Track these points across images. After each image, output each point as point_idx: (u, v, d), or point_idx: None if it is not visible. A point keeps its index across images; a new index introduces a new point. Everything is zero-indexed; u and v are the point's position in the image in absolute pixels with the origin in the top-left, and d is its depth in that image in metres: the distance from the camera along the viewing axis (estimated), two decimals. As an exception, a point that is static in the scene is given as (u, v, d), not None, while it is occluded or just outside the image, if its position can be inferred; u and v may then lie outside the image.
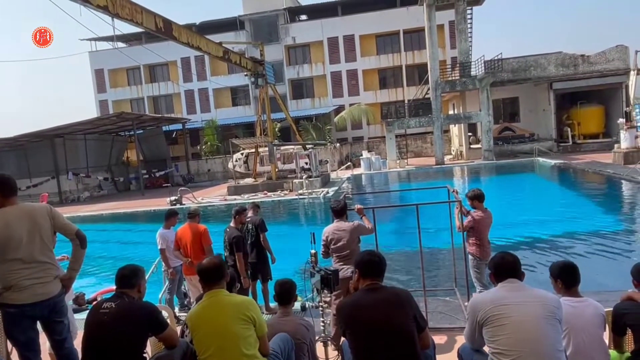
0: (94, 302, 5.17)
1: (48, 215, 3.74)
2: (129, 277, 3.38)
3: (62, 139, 28.59)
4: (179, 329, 3.97)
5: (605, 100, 28.54)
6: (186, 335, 3.75)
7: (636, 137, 19.92)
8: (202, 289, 3.42)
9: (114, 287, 3.42)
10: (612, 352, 3.23)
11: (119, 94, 46.92)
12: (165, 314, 3.86)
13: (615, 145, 21.48)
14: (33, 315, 3.65)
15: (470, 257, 5.83)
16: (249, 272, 6.25)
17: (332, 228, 5.26)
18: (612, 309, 3.22)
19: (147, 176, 31.62)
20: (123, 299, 3.26)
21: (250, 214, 6.72)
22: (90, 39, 43.62)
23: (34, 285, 3.59)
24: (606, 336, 3.25)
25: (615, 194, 16.03)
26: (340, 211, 5.34)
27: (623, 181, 16.54)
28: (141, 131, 33.70)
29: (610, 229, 11.08)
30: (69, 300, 4.88)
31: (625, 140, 20.28)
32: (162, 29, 15.18)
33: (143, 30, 15.23)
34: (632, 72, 22.23)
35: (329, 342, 4.17)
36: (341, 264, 5.13)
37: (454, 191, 6.15)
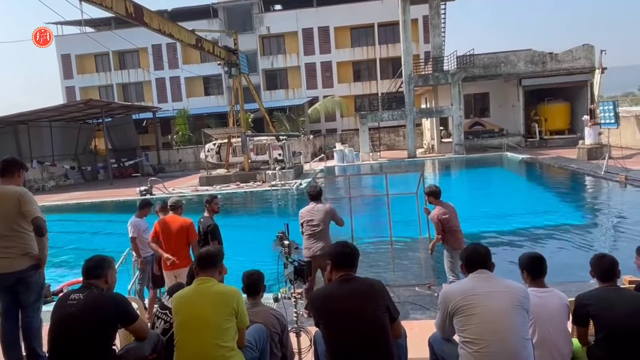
0: (60, 294, 5.03)
1: (17, 198, 3.99)
2: (96, 268, 3.31)
3: (26, 126, 27.61)
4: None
5: (571, 98, 29.40)
6: (156, 327, 3.70)
7: (599, 133, 20.61)
8: (196, 274, 3.41)
9: (81, 279, 3.34)
10: (575, 341, 3.35)
11: (87, 81, 45.51)
12: (135, 305, 3.80)
13: (580, 142, 22.19)
14: (3, 284, 4.04)
15: (445, 247, 6.02)
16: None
17: (307, 209, 5.86)
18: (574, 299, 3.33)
19: (115, 165, 30.84)
20: (91, 290, 3.19)
21: (160, 215, 6.33)
22: (56, 23, 42.04)
23: (1, 258, 3.98)
24: (570, 325, 3.36)
25: (579, 188, 16.57)
26: (316, 195, 5.95)
27: (586, 176, 17.12)
28: (110, 119, 32.83)
29: (574, 222, 11.47)
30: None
31: (589, 137, 20.96)
32: (132, 14, 14.76)
33: (113, 15, 14.75)
34: (596, 71, 22.89)
35: (302, 332, 4.18)
36: (312, 241, 5.69)
37: (425, 209, 6.62)
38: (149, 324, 3.79)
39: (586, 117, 22.14)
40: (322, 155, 31.56)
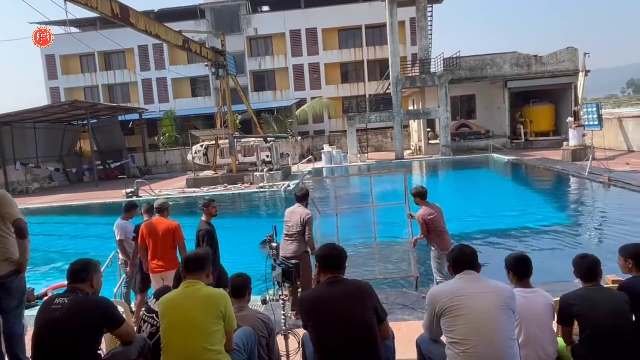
0: (45, 298, 4.96)
1: None
2: (81, 271, 3.26)
3: (9, 127, 27.15)
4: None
5: (555, 100, 29.81)
6: (143, 331, 3.66)
7: (583, 135, 20.92)
8: (183, 277, 3.38)
9: (66, 283, 3.30)
10: (560, 340, 3.40)
11: (72, 81, 44.96)
12: (121, 309, 3.75)
13: (564, 143, 22.49)
14: None
15: (432, 248, 6.06)
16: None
17: (290, 209, 6.05)
18: (559, 299, 3.38)
19: (101, 167, 30.47)
20: (76, 294, 3.15)
21: (145, 217, 6.21)
22: (40, 23, 41.42)
23: None
24: (555, 325, 3.40)
25: (564, 189, 16.79)
26: (300, 197, 6.06)
27: (571, 177, 17.36)
28: (95, 120, 32.42)
29: (559, 222, 11.63)
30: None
31: (573, 138, 21.27)
32: (118, 15, 14.61)
33: (98, 15, 14.60)
34: (580, 73, 23.25)
35: (290, 335, 4.17)
36: (286, 242, 5.82)
37: (408, 215, 6.74)
38: (135, 328, 3.76)
39: (570, 119, 22.45)
40: (310, 156, 31.56)
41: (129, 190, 19.78)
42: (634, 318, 3.20)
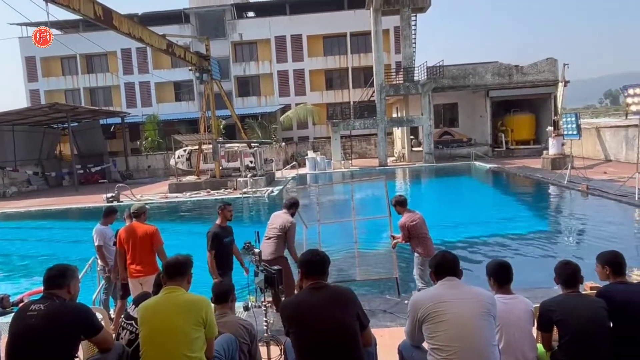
0: (20, 305, 4.84)
1: None
2: (57, 277, 3.18)
3: (-14, 130, 26.58)
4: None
5: (536, 109, 30.37)
6: (122, 338, 3.60)
7: (563, 144, 21.32)
8: (164, 283, 3.33)
9: (42, 289, 3.22)
10: (539, 346, 3.43)
11: (52, 84, 44.25)
12: (99, 315, 3.69)
13: (544, 152, 22.90)
14: None
15: (415, 255, 6.10)
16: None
17: (276, 213, 6.23)
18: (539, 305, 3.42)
19: (81, 171, 29.93)
20: (53, 301, 3.07)
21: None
22: (20, 24, 40.81)
23: None
24: (535, 330, 3.44)
25: (543, 197, 17.06)
26: (288, 205, 6.22)
27: (550, 185, 17.66)
28: (76, 124, 31.89)
29: (539, 230, 11.79)
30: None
31: (552, 147, 21.67)
32: (101, 17, 14.45)
33: (81, 17, 14.42)
34: (560, 84, 23.76)
35: (272, 342, 4.14)
36: (266, 243, 5.91)
37: (392, 236, 6.76)
38: (113, 335, 3.68)
39: (550, 128, 22.89)
40: (294, 162, 31.53)
41: (109, 195, 19.50)
42: (611, 324, 3.26)
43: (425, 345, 3.10)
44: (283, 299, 5.12)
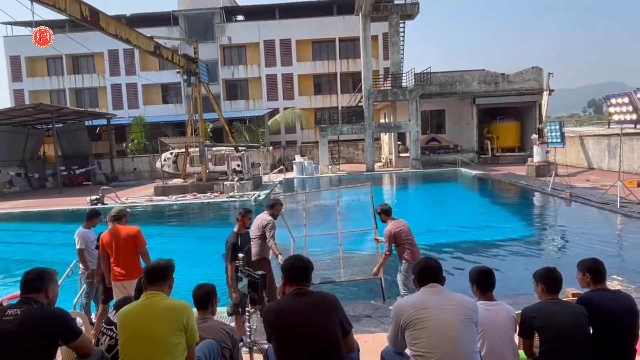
0: (-2, 309, 4.73)
1: None
2: (35, 280, 3.11)
3: (-33, 130, 26.09)
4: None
5: (521, 117, 30.78)
6: (101, 344, 3.54)
7: (547, 152, 21.62)
8: (144, 288, 3.27)
9: (20, 293, 3.15)
10: (521, 352, 3.46)
11: (37, 84, 43.62)
12: (79, 320, 3.62)
13: (529, 159, 23.20)
14: None
15: (401, 262, 6.12)
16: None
17: (260, 214, 6.39)
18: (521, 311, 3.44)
19: (65, 173, 29.52)
20: (30, 305, 3.00)
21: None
22: (5, 23, 40.25)
23: None
24: (517, 337, 3.46)
25: (528, 204, 17.26)
26: (268, 205, 6.44)
27: (534, 192, 17.88)
28: (61, 125, 31.46)
29: (523, 236, 11.91)
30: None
31: (537, 155, 21.96)
32: (87, 18, 14.29)
33: (67, 17, 14.25)
34: (545, 92, 24.12)
35: (254, 348, 4.11)
36: (251, 244, 6.00)
37: (375, 239, 6.90)
38: (94, 340, 3.62)
39: (535, 136, 23.20)
40: (282, 167, 31.48)
41: (94, 197, 19.24)
42: (591, 330, 3.29)
43: (407, 351, 3.10)
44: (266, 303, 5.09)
